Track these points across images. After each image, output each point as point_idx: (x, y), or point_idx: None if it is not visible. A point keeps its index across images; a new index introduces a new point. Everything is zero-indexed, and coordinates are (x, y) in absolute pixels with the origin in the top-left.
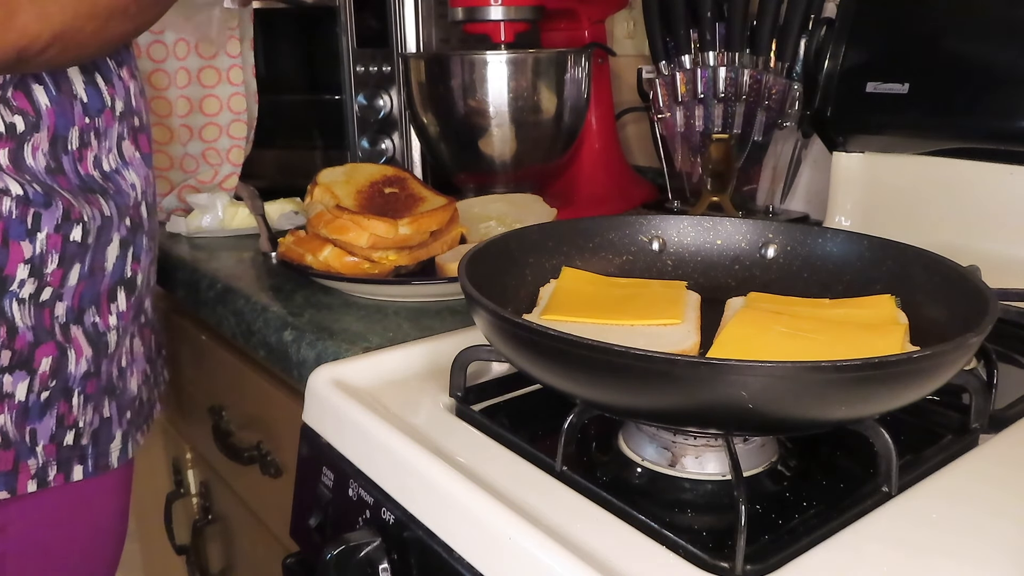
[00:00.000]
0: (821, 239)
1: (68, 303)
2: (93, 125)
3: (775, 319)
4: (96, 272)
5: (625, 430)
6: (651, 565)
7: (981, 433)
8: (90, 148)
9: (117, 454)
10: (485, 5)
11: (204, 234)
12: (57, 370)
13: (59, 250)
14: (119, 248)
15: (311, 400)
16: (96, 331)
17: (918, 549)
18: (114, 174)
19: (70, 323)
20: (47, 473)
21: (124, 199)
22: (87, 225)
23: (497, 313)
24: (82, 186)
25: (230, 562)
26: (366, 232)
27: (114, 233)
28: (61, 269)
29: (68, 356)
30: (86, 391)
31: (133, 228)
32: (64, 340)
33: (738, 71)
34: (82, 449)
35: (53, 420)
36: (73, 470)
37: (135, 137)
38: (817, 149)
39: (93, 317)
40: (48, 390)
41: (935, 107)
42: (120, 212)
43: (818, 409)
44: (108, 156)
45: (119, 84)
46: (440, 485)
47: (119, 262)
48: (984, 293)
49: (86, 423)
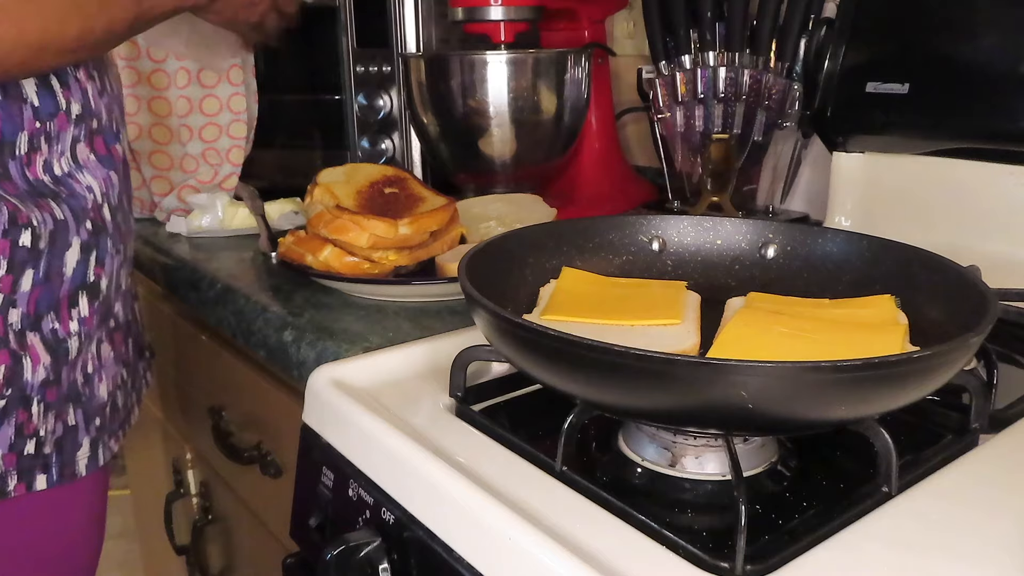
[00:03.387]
0: (821, 239)
1: (23, 309)
2: (44, 129)
3: (775, 319)
4: (53, 278)
5: (625, 430)
6: (651, 565)
7: (981, 433)
8: (39, 152)
9: (85, 462)
10: (485, 5)
11: (204, 234)
12: (12, 378)
13: (7, 255)
14: (79, 252)
15: (311, 400)
16: (56, 338)
17: (918, 549)
18: (66, 178)
19: (26, 330)
20: (6, 483)
21: (80, 202)
22: (37, 230)
23: (497, 313)
24: (30, 191)
25: (230, 562)
26: (366, 232)
27: (72, 237)
28: (11, 275)
29: (23, 364)
30: (46, 399)
31: (95, 231)
32: (19, 347)
33: (738, 71)
34: (45, 458)
35: (12, 429)
36: (36, 479)
37: (91, 139)
38: (817, 149)
39: (52, 323)
40: (4, 399)
41: (935, 107)
42: (77, 216)
43: (818, 409)
44: (60, 160)
45: (75, 86)
46: (440, 485)
47: (80, 267)
48: (984, 293)
49: (48, 431)
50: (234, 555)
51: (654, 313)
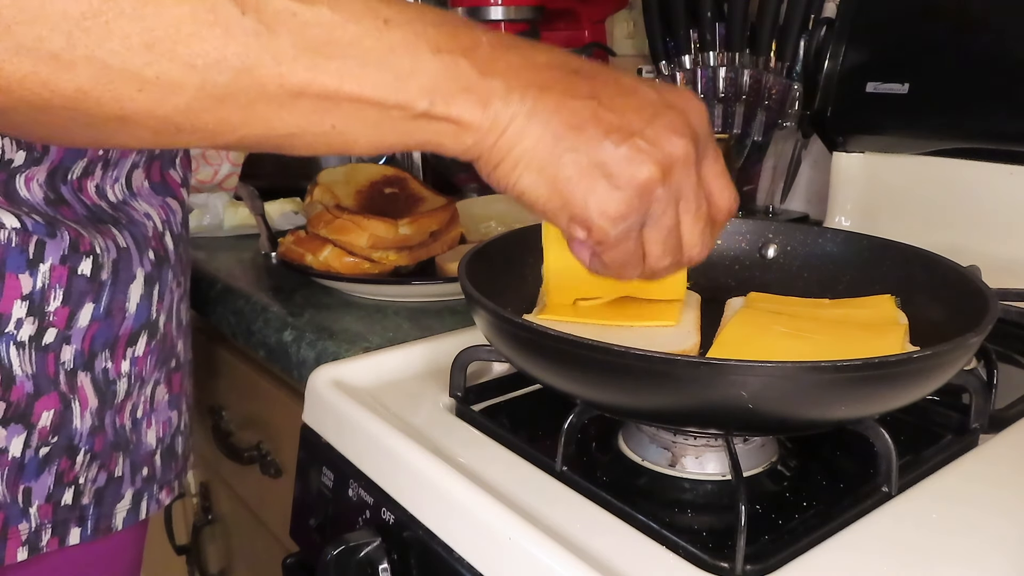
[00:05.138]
0: (821, 239)
1: (77, 347)
2: (105, 156)
3: (775, 319)
4: (115, 314)
5: (625, 430)
6: (651, 565)
7: (981, 433)
8: (91, 177)
9: (123, 515)
10: (485, 5)
11: (204, 234)
12: (60, 425)
13: (64, 285)
14: (143, 286)
15: (311, 400)
16: (106, 379)
17: (918, 549)
18: (123, 204)
19: (78, 369)
20: (40, 538)
21: (141, 229)
22: (99, 258)
23: (497, 313)
24: (90, 216)
25: (230, 562)
26: (366, 232)
27: (136, 268)
28: (67, 307)
29: (72, 409)
30: (93, 448)
31: (158, 262)
32: (68, 390)
33: (738, 71)
34: (82, 509)
35: (52, 477)
36: (70, 533)
37: (149, 166)
38: (817, 149)
39: (105, 363)
40: (49, 446)
41: (935, 107)
42: (139, 244)
43: (818, 409)
44: (114, 186)
45: None
46: (440, 485)
47: (144, 302)
48: (984, 293)
49: (88, 480)
50: (234, 555)
51: (652, 314)
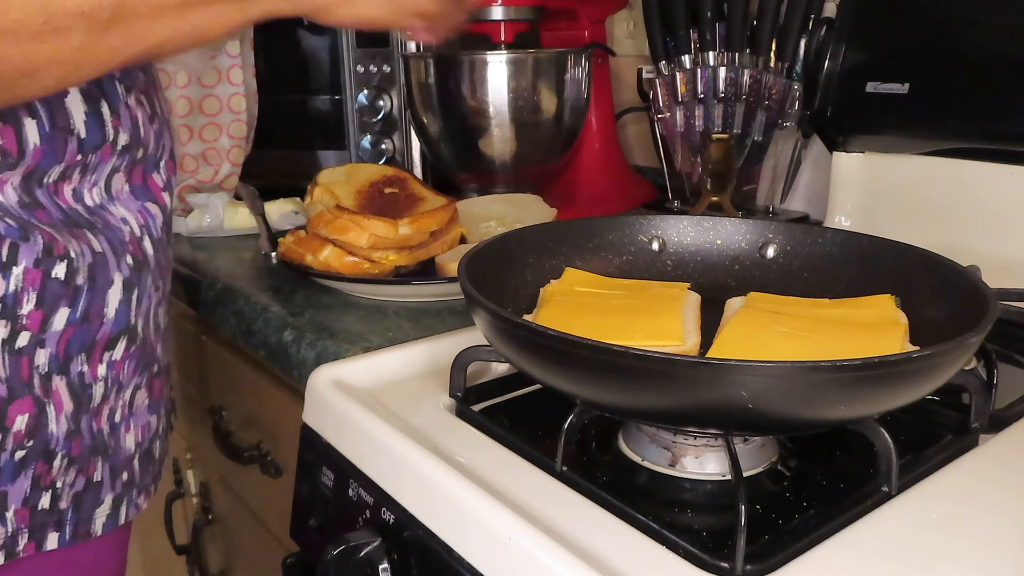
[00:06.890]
0: (821, 239)
1: (52, 350)
2: (84, 161)
3: (775, 319)
4: (93, 319)
5: (625, 430)
6: (651, 565)
7: (981, 433)
8: (68, 181)
9: (103, 520)
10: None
11: (204, 234)
12: (35, 428)
13: (37, 288)
14: (122, 291)
15: (311, 400)
16: (81, 382)
17: (918, 549)
18: (99, 209)
19: (52, 373)
20: (16, 543)
21: (117, 234)
22: (74, 262)
23: (497, 313)
24: (65, 220)
25: (230, 562)
26: (366, 232)
27: (114, 273)
28: (41, 311)
29: (48, 413)
30: (70, 453)
31: (137, 267)
32: (43, 394)
33: (738, 71)
34: (60, 514)
35: (28, 481)
36: (47, 538)
37: (131, 169)
38: (817, 149)
39: (81, 366)
40: (24, 449)
41: (935, 107)
42: (116, 249)
43: (818, 409)
44: (92, 190)
45: (125, 114)
46: (440, 485)
47: (122, 307)
48: (984, 293)
49: (65, 484)
50: (234, 555)
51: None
